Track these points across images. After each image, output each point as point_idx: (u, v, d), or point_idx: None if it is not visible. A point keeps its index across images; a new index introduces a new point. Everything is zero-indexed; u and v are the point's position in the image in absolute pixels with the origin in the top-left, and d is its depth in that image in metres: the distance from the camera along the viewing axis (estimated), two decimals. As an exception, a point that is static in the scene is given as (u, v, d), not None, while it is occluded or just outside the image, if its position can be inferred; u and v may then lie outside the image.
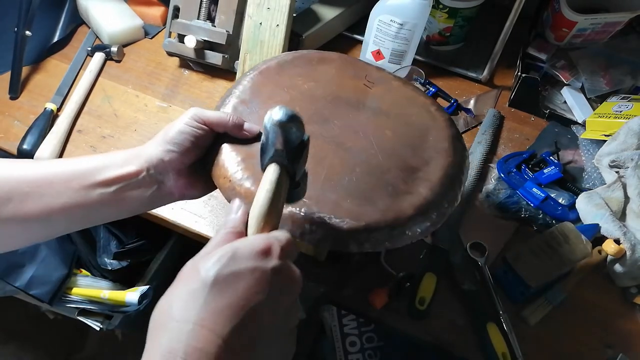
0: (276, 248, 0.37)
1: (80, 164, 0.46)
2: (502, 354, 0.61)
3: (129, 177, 0.46)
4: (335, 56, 0.64)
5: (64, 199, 0.44)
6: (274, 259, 0.37)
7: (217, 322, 0.33)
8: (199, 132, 0.49)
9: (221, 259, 0.35)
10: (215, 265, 0.35)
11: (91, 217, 0.47)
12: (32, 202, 0.43)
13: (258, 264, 0.36)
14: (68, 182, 0.44)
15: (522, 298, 0.66)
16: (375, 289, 0.65)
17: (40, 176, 0.44)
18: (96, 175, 0.45)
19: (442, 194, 0.52)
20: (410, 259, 0.69)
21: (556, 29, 0.91)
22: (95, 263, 0.86)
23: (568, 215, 0.73)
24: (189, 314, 0.33)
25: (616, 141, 0.76)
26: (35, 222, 0.44)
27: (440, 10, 0.88)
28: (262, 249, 0.36)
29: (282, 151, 0.40)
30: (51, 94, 0.87)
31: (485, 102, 0.90)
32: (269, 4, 0.81)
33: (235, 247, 0.36)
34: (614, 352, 0.64)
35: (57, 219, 0.45)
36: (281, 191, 0.40)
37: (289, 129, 0.39)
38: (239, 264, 0.35)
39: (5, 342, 1.34)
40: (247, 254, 0.36)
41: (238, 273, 0.35)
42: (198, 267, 0.35)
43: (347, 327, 0.65)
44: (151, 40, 0.98)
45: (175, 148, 0.47)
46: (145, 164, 0.47)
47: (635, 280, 0.68)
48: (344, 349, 0.63)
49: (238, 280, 0.35)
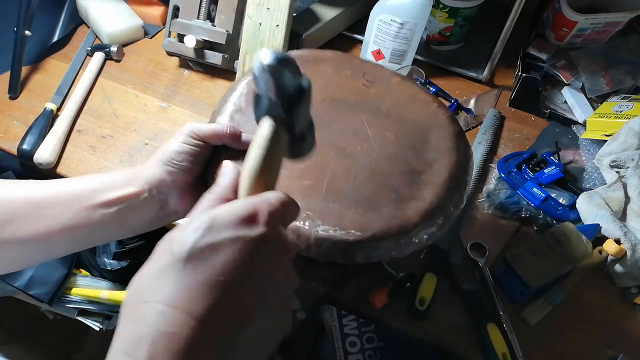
0: (264, 213, 0.32)
1: (80, 184, 0.45)
2: (502, 354, 0.61)
3: (130, 198, 0.45)
4: (330, 54, 0.62)
5: (64, 220, 0.43)
6: (260, 226, 0.32)
7: (191, 301, 0.29)
8: (196, 150, 0.47)
9: (197, 229, 0.30)
10: (190, 237, 0.30)
11: (93, 237, 0.47)
12: (32, 223, 0.43)
13: (240, 233, 0.31)
14: (69, 204, 0.44)
15: (522, 298, 0.66)
16: (375, 289, 0.65)
17: (40, 197, 0.44)
18: (97, 197, 0.44)
19: (448, 197, 0.50)
20: (410, 259, 0.68)
21: (556, 28, 0.90)
22: (95, 263, 0.86)
23: (568, 215, 0.73)
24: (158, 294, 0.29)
25: (617, 141, 0.76)
26: (35, 244, 0.44)
27: (441, 10, 0.88)
28: (246, 214, 0.32)
29: (276, 101, 0.35)
30: (51, 94, 0.87)
31: (486, 102, 0.90)
32: (269, 4, 0.81)
33: (214, 215, 0.31)
34: (614, 352, 0.64)
35: (57, 240, 0.44)
36: (277, 148, 0.36)
37: (281, 74, 0.34)
38: (218, 234, 0.30)
39: (5, 342, 1.34)
40: (228, 222, 0.31)
41: (216, 244, 0.30)
42: (172, 240, 0.31)
43: (347, 327, 0.65)
44: (151, 40, 0.98)
45: (174, 168, 0.47)
46: (146, 185, 0.46)
47: (635, 281, 0.68)
48: (344, 349, 0.63)
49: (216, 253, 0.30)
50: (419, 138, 0.55)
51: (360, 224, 0.46)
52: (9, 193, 0.44)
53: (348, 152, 0.52)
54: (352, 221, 0.47)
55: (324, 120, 0.54)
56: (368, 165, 0.51)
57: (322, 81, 0.58)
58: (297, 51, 0.62)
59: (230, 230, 0.31)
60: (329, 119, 0.55)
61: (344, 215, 0.47)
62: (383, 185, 0.50)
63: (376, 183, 0.50)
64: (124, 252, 0.86)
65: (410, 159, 0.53)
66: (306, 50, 0.63)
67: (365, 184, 0.50)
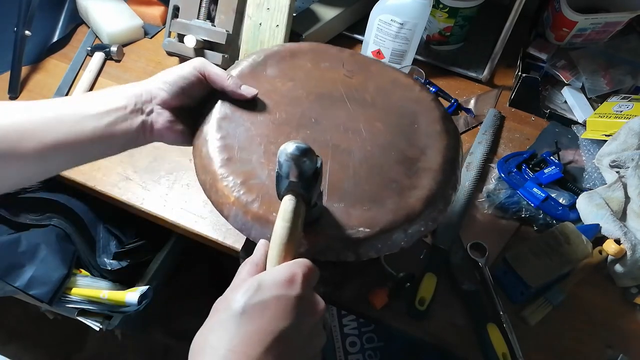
0: (299, 277, 0.39)
1: (72, 101, 0.49)
2: (502, 354, 0.61)
3: (118, 110, 0.48)
4: (306, 47, 0.62)
5: (58, 135, 0.46)
6: (297, 287, 0.39)
7: (248, 345, 0.36)
8: (193, 80, 0.51)
9: (248, 290, 0.38)
10: (244, 297, 0.37)
11: (86, 152, 0.49)
12: (27, 140, 0.45)
13: (283, 293, 0.38)
14: (62, 119, 0.47)
15: (522, 298, 0.66)
16: (375, 289, 0.65)
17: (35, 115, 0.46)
18: (89, 110, 0.48)
19: (446, 181, 0.52)
20: (410, 259, 0.69)
21: (556, 28, 0.90)
22: (95, 263, 0.85)
23: (568, 215, 0.73)
24: (222, 342, 0.36)
25: (617, 141, 0.76)
26: (32, 160, 0.46)
27: (441, 10, 0.88)
28: (286, 278, 0.39)
29: (297, 182, 0.41)
30: (51, 94, 0.87)
31: (486, 102, 0.90)
32: (269, 5, 0.81)
33: (260, 279, 0.39)
34: (614, 352, 0.64)
35: (53, 155, 0.47)
36: (299, 220, 0.42)
37: (303, 162, 0.40)
38: (265, 294, 0.38)
39: (5, 342, 1.34)
40: (272, 284, 0.38)
41: (264, 302, 0.37)
42: (228, 299, 0.38)
43: (347, 327, 0.65)
44: (151, 40, 0.98)
45: (165, 86, 0.50)
46: (133, 97, 0.49)
47: (635, 281, 0.68)
48: (344, 349, 0.63)
49: (265, 309, 0.37)
50: (408, 125, 0.56)
51: (367, 219, 0.47)
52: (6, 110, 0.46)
53: (342, 148, 0.52)
54: (360, 218, 0.47)
55: (313, 117, 0.54)
56: (364, 159, 0.52)
57: (304, 76, 0.58)
58: (274, 48, 0.61)
59: (274, 290, 0.38)
60: (318, 116, 0.55)
61: (351, 214, 0.47)
62: (382, 178, 0.51)
63: (375, 176, 0.51)
64: (124, 252, 0.86)
65: (403, 147, 0.54)
66: (280, 45, 0.61)
67: (365, 178, 0.50)
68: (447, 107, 0.87)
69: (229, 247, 0.70)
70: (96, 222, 0.86)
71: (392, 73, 0.60)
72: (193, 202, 0.74)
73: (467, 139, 0.85)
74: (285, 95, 0.56)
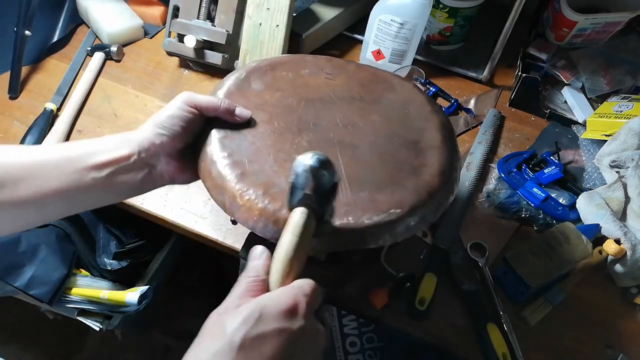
0: (302, 305, 0.37)
1: (72, 148, 0.47)
2: (502, 354, 0.61)
3: (121, 161, 0.47)
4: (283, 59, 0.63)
5: (57, 182, 0.44)
6: (300, 318, 0.36)
7: None
8: (189, 117, 0.49)
9: (248, 319, 0.35)
10: (242, 327, 0.34)
11: (85, 201, 0.48)
12: (26, 186, 0.44)
13: (285, 325, 0.36)
14: (61, 167, 0.45)
15: (522, 298, 0.66)
16: (375, 289, 0.65)
17: (34, 161, 0.45)
18: (89, 159, 0.46)
19: (449, 155, 0.55)
20: (410, 259, 0.69)
21: (556, 28, 0.90)
22: (95, 263, 0.85)
23: (568, 215, 0.73)
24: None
25: (617, 141, 0.76)
26: (29, 206, 0.45)
27: (441, 10, 0.88)
28: (289, 307, 0.36)
29: (312, 196, 0.39)
30: (51, 94, 0.87)
31: (486, 102, 0.90)
32: (269, 5, 0.81)
33: (262, 306, 0.36)
34: (614, 352, 0.64)
35: (50, 203, 0.45)
36: (308, 236, 0.40)
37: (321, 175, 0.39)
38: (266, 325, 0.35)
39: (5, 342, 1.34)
40: (274, 314, 0.36)
41: (265, 335, 0.35)
42: (224, 325, 0.35)
43: (347, 327, 0.65)
44: (151, 40, 0.98)
45: (165, 132, 0.48)
46: (136, 147, 0.47)
47: (635, 281, 0.68)
48: (344, 349, 0.63)
49: (264, 343, 0.35)
50: (399, 112, 0.59)
51: (395, 202, 0.49)
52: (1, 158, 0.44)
53: (348, 143, 0.54)
54: (388, 202, 0.49)
55: (310, 121, 0.56)
56: (372, 148, 0.54)
57: (289, 85, 0.60)
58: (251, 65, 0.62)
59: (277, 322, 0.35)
60: (314, 119, 0.56)
61: (378, 200, 0.49)
62: (394, 162, 0.53)
63: (387, 162, 0.53)
64: (124, 252, 0.86)
65: (402, 132, 0.57)
66: (259, 60, 0.63)
67: (379, 166, 0.53)
68: (447, 107, 0.87)
69: (229, 247, 0.70)
70: (96, 222, 0.86)
71: (368, 70, 0.64)
72: (193, 202, 0.74)
73: (467, 139, 0.85)
74: (277, 105, 0.57)
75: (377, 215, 0.48)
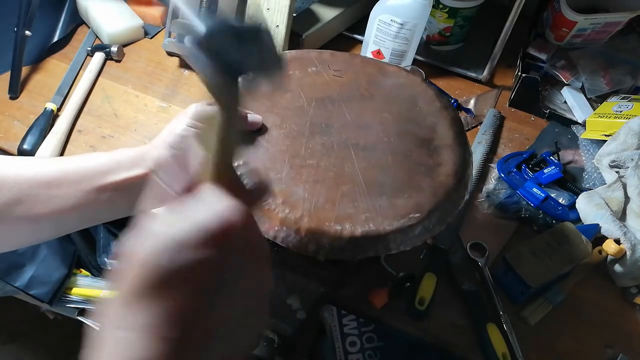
0: (234, 225, 0.30)
1: (88, 163, 0.46)
2: (502, 354, 0.61)
3: (137, 180, 0.47)
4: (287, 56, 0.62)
5: (74, 200, 0.45)
6: (231, 242, 0.30)
7: (165, 328, 0.28)
8: None
9: (166, 250, 0.28)
10: (161, 261, 0.28)
11: (100, 216, 0.48)
12: (43, 203, 0.44)
13: (209, 254, 0.29)
14: (77, 184, 0.45)
15: (522, 298, 0.66)
16: (375, 289, 0.65)
17: (50, 177, 0.45)
18: (105, 178, 0.46)
19: (462, 151, 0.55)
20: (410, 259, 0.69)
21: (556, 28, 0.91)
22: (95, 263, 0.85)
23: (568, 215, 0.73)
24: (132, 321, 0.28)
25: (616, 141, 0.76)
26: (45, 222, 0.45)
27: (440, 10, 0.88)
28: (214, 234, 0.29)
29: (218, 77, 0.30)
30: (51, 94, 0.87)
31: (486, 102, 0.90)
32: (269, 5, 0.81)
33: (181, 232, 0.28)
34: (614, 352, 0.64)
35: (67, 218, 0.46)
36: (227, 103, 0.31)
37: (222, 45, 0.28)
38: (187, 255, 0.28)
39: (5, 343, 1.34)
40: (195, 241, 0.28)
41: (187, 267, 0.28)
42: (139, 257, 0.28)
43: (347, 327, 0.65)
44: (151, 40, 0.98)
45: (179, 152, 0.48)
46: (152, 166, 0.47)
47: (635, 280, 0.68)
48: (344, 349, 0.63)
49: (187, 278, 0.28)
50: (410, 108, 0.58)
51: (413, 206, 0.49)
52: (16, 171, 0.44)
53: (362, 144, 0.53)
54: (406, 207, 0.49)
55: (322, 122, 0.55)
56: (386, 149, 0.54)
57: (297, 84, 0.59)
58: None
59: (199, 250, 0.28)
60: (326, 120, 0.56)
61: (397, 205, 0.49)
62: (409, 163, 0.53)
63: (402, 163, 0.53)
64: (124, 252, 0.86)
65: (415, 130, 0.56)
66: None
67: (395, 168, 0.52)
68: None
69: (229, 247, 0.70)
70: (96, 222, 0.86)
71: (375, 63, 0.63)
72: (193, 202, 0.74)
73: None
74: (288, 107, 0.56)
75: (398, 221, 0.48)
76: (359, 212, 0.48)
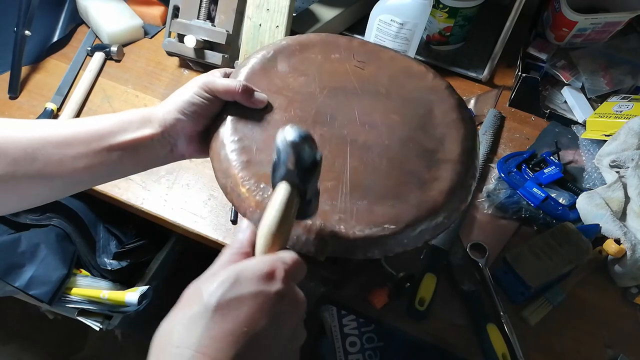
0: (280, 271, 0.36)
1: (98, 124, 0.48)
2: (502, 355, 0.61)
3: (145, 140, 0.48)
4: (315, 39, 0.60)
5: (85, 160, 0.46)
6: (278, 282, 0.36)
7: (218, 349, 0.32)
8: (206, 103, 0.50)
9: (224, 282, 0.34)
10: (218, 290, 0.34)
11: (111, 174, 0.50)
12: (55, 162, 0.45)
13: (261, 288, 0.35)
14: (88, 144, 0.46)
15: (522, 298, 0.66)
16: (375, 289, 0.65)
17: (61, 137, 0.46)
18: (115, 138, 0.47)
19: (465, 171, 0.51)
20: (410, 259, 0.69)
21: (556, 28, 0.90)
22: (95, 263, 0.85)
23: (568, 215, 0.73)
24: (189, 340, 0.33)
25: (616, 141, 0.76)
26: (59, 180, 0.47)
27: (441, 10, 0.88)
28: (266, 272, 0.36)
29: (293, 171, 0.39)
30: (51, 94, 0.87)
31: (486, 102, 0.90)
32: (269, 5, 0.81)
33: (239, 270, 0.35)
34: (614, 352, 0.64)
35: (80, 177, 0.47)
36: (291, 211, 0.40)
37: (302, 149, 0.38)
38: (242, 288, 0.34)
39: (5, 342, 1.34)
40: (251, 277, 0.35)
41: (241, 298, 0.34)
42: (201, 290, 0.35)
43: (347, 327, 0.65)
44: (151, 40, 0.98)
45: (184, 117, 0.49)
46: (159, 128, 0.49)
47: (635, 280, 0.68)
48: (344, 349, 0.63)
49: (240, 306, 0.34)
50: (424, 115, 0.55)
51: (392, 216, 0.47)
52: (29, 131, 0.46)
53: (361, 143, 0.52)
54: (384, 215, 0.47)
55: (328, 113, 0.54)
56: (383, 153, 0.51)
57: (315, 70, 0.57)
58: (283, 42, 0.59)
59: (253, 285, 0.35)
60: (333, 111, 0.54)
61: (375, 211, 0.47)
62: (403, 172, 0.50)
63: (396, 170, 0.50)
64: (124, 252, 0.86)
65: (421, 138, 0.53)
66: (289, 38, 0.60)
67: (386, 173, 0.50)
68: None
69: (229, 247, 0.70)
70: (96, 222, 0.86)
71: (403, 61, 0.60)
72: (193, 202, 0.74)
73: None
74: (299, 91, 0.55)
75: (370, 229, 0.46)
76: (335, 211, 0.46)
